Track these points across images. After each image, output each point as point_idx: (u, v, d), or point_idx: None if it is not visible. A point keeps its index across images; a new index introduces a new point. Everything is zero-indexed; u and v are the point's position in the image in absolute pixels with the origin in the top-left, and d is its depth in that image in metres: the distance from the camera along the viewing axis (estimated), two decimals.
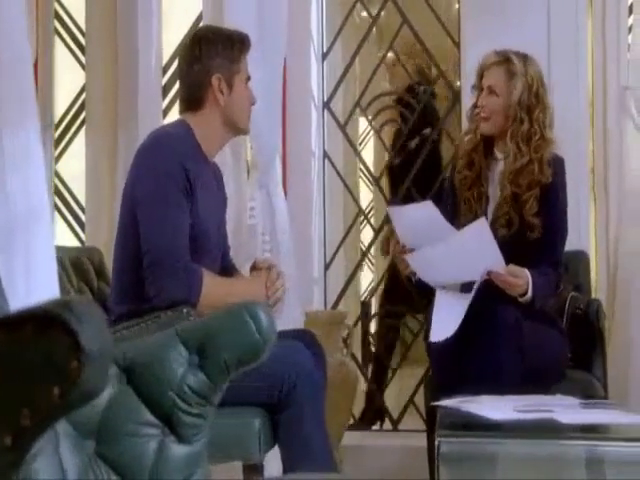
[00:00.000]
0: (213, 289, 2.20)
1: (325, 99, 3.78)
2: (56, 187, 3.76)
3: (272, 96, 2.96)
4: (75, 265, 2.45)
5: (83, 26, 3.75)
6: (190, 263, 2.18)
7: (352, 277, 3.76)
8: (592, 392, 2.69)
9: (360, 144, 5.23)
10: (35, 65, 3.53)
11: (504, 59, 2.64)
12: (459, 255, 2.44)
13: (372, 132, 4.73)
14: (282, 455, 2.20)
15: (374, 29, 4.29)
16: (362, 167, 3.93)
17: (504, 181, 2.65)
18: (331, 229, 3.82)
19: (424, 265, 2.52)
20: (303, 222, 3.54)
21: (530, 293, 2.52)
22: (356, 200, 3.82)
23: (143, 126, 3.11)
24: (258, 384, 2.17)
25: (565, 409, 2.13)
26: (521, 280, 2.50)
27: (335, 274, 3.81)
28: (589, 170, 3.50)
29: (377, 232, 3.80)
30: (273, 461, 2.31)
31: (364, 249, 3.89)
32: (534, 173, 2.62)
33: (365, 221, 4.06)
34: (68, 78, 3.81)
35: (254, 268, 2.40)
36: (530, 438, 1.84)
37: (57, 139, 3.79)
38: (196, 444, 1.29)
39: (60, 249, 2.46)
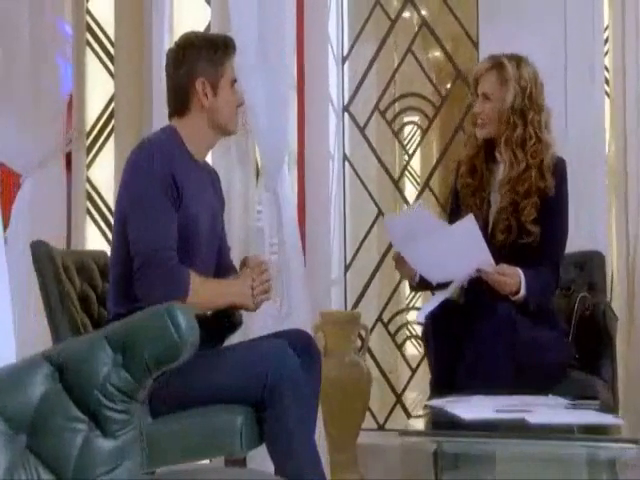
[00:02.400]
0: (200, 289, 2.27)
1: (346, 102, 3.83)
2: (88, 192, 3.92)
3: (278, 101, 3.02)
4: (79, 267, 2.55)
5: (113, 37, 3.90)
6: (177, 264, 2.26)
7: (372, 278, 3.80)
8: (596, 394, 2.65)
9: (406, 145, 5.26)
10: None
11: (497, 64, 2.66)
12: (449, 251, 2.48)
13: (418, 134, 4.75)
14: (268, 452, 2.27)
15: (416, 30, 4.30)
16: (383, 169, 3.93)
17: (502, 189, 2.66)
18: (354, 231, 3.88)
19: (418, 261, 2.56)
20: (321, 224, 3.60)
21: (523, 292, 2.54)
22: (376, 202, 3.85)
23: None
24: (242, 384, 2.24)
25: (545, 410, 2.14)
26: (511, 279, 2.52)
27: (358, 275, 3.85)
28: (608, 170, 3.46)
29: None
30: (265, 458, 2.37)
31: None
32: (532, 179, 2.62)
33: None
34: (99, 87, 3.97)
35: (244, 264, 2.47)
36: (482, 437, 1.87)
37: (89, 146, 3.95)
38: (121, 439, 1.37)
39: (65, 253, 2.58)
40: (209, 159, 3.08)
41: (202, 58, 2.34)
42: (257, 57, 2.88)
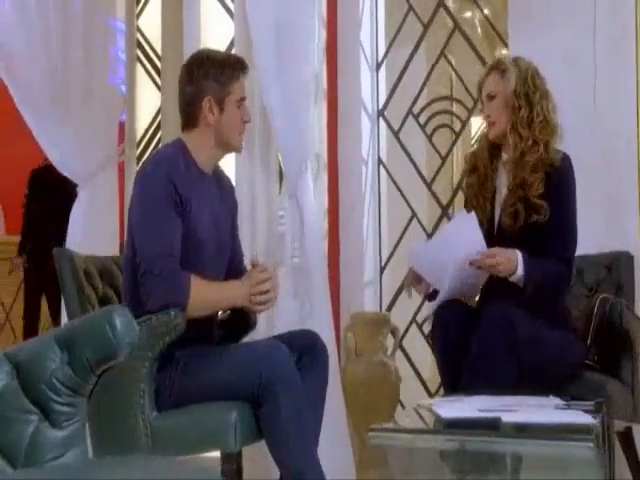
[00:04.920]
0: (201, 293, 2.39)
1: (380, 107, 3.90)
2: None
3: (299, 110, 3.12)
4: (101, 271, 2.72)
5: (160, 51, 4.10)
6: (178, 270, 2.38)
7: None
8: (610, 396, 2.63)
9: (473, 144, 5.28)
10: None
11: (494, 64, 2.75)
12: (450, 248, 2.54)
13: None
14: (268, 448, 2.37)
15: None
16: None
17: (510, 170, 2.68)
18: (390, 233, 3.94)
19: (425, 265, 2.63)
20: (354, 227, 3.68)
21: (520, 271, 2.54)
22: (410, 205, 3.90)
23: None
24: (239, 381, 2.35)
25: (530, 410, 2.16)
26: (501, 258, 2.54)
27: (393, 277, 3.91)
28: (637, 170, 3.40)
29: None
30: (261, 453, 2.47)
31: None
32: (539, 152, 2.63)
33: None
34: (148, 100, 4.17)
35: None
36: (447, 435, 1.94)
37: (138, 156, 4.16)
38: (68, 429, 1.51)
39: (87, 258, 2.75)
40: (232, 165, 3.24)
41: (209, 77, 2.45)
42: (277, 63, 2.99)
